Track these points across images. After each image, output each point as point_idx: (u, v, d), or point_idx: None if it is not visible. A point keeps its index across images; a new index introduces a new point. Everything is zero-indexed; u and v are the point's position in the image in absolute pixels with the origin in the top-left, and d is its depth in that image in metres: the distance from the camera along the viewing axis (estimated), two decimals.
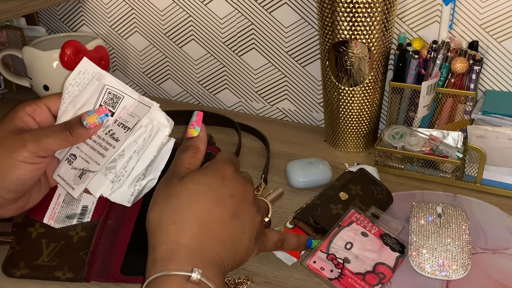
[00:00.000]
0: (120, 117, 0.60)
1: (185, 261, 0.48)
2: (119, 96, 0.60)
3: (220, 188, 0.52)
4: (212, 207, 0.51)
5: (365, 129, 0.90)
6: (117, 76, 1.19)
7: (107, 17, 1.14)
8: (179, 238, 0.49)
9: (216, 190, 0.52)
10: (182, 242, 0.49)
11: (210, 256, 0.50)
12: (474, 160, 0.79)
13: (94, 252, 0.65)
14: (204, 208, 0.51)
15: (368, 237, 0.66)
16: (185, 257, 0.49)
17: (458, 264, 0.62)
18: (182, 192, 0.52)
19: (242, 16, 1.01)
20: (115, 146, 0.59)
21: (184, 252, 0.49)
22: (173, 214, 0.51)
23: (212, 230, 0.51)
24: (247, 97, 1.09)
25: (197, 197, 0.51)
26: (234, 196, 0.53)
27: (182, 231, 0.50)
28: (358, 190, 0.73)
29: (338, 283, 0.61)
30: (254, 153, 0.91)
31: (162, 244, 0.49)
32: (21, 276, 0.63)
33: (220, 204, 0.52)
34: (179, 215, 0.50)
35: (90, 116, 0.58)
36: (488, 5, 0.84)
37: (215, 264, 0.50)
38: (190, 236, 0.50)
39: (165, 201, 0.52)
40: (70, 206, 0.68)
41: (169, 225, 0.50)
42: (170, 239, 0.49)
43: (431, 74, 0.81)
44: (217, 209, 0.51)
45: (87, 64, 0.62)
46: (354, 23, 0.79)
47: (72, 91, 0.62)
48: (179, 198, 0.51)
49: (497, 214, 0.73)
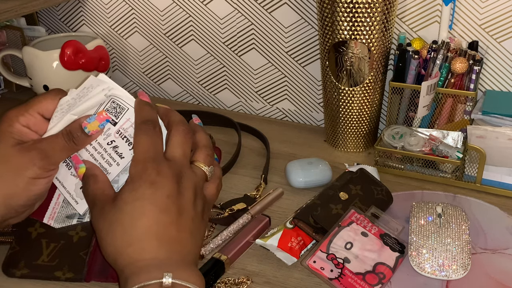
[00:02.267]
0: (123, 128, 0.58)
1: (155, 271, 0.48)
2: (124, 107, 0.58)
3: (154, 194, 0.51)
4: (157, 216, 0.50)
5: (365, 129, 0.90)
6: (117, 76, 1.19)
7: (107, 17, 1.14)
8: (141, 254, 0.49)
9: (151, 199, 0.51)
10: (147, 257, 0.49)
11: (178, 258, 0.50)
12: (474, 160, 0.79)
13: (94, 252, 0.65)
14: (150, 219, 0.50)
15: (368, 237, 0.66)
16: (154, 267, 0.48)
17: (458, 264, 0.63)
18: (120, 216, 0.50)
19: (242, 16, 1.01)
20: (119, 164, 0.58)
21: (153, 264, 0.49)
22: (124, 238, 0.50)
23: (168, 235, 0.50)
24: (247, 97, 1.09)
25: (137, 213, 0.50)
26: (171, 195, 0.51)
27: (142, 248, 0.49)
28: (358, 190, 0.73)
29: (338, 283, 0.61)
30: (254, 153, 0.91)
31: (128, 265, 0.49)
32: (21, 276, 0.63)
33: (162, 209, 0.51)
34: (130, 236, 0.50)
35: (91, 123, 0.57)
36: (488, 5, 0.84)
37: (186, 262, 0.50)
38: (152, 250, 0.49)
39: (108, 230, 0.51)
40: (70, 206, 0.68)
41: (126, 249, 0.49)
42: (133, 259, 0.49)
43: (431, 74, 0.81)
44: (162, 215, 0.50)
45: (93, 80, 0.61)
46: (354, 23, 0.79)
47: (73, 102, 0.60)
48: (121, 223, 0.50)
49: (497, 214, 0.73)
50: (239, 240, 0.68)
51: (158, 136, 0.54)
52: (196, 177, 0.55)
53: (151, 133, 0.54)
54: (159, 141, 0.54)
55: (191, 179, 0.54)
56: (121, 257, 0.50)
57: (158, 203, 0.50)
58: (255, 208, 0.74)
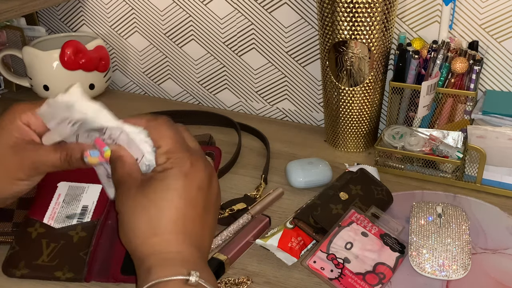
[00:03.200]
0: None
1: (179, 266, 0.47)
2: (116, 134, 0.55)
3: (185, 187, 0.50)
4: (185, 209, 0.50)
5: (365, 129, 0.90)
6: (117, 76, 1.19)
7: (107, 17, 1.14)
8: (167, 247, 0.49)
9: (183, 191, 0.50)
10: (172, 250, 0.49)
11: (199, 255, 0.50)
12: (474, 160, 0.79)
13: (94, 252, 0.65)
14: (178, 212, 0.49)
15: (368, 237, 0.66)
16: (179, 262, 0.48)
17: (458, 264, 0.62)
18: (148, 204, 0.49)
19: (242, 16, 1.01)
20: None
21: (177, 258, 0.48)
22: (149, 227, 0.49)
23: (193, 230, 0.50)
24: (247, 97, 1.09)
25: (166, 205, 0.49)
26: (201, 187, 0.51)
27: (168, 240, 0.49)
28: (358, 190, 0.73)
29: (338, 283, 0.61)
30: (254, 153, 0.91)
31: (151, 256, 0.48)
32: (21, 276, 0.63)
33: (191, 202, 0.50)
34: (156, 226, 0.49)
35: (93, 158, 0.54)
36: (488, 5, 0.84)
37: (204, 260, 0.50)
38: (177, 243, 0.49)
39: (133, 216, 0.50)
40: (70, 206, 0.68)
41: (151, 238, 0.49)
42: (157, 250, 0.48)
43: (431, 74, 0.81)
44: (189, 209, 0.50)
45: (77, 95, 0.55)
46: (354, 23, 0.79)
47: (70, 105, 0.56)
48: (148, 210, 0.49)
49: (497, 214, 0.73)
50: (239, 240, 0.68)
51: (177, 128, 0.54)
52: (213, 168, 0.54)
53: (174, 126, 0.53)
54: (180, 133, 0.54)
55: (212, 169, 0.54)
56: (143, 246, 0.49)
57: (187, 196, 0.50)
58: (255, 208, 0.74)
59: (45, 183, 0.71)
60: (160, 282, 0.46)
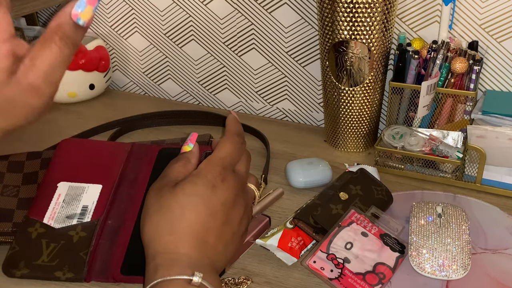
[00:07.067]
0: None
1: (186, 267, 0.49)
2: None
3: (211, 197, 0.53)
4: (205, 217, 0.53)
5: (365, 129, 0.90)
6: (117, 76, 1.19)
7: (107, 17, 1.14)
8: (178, 248, 0.51)
9: (207, 200, 0.53)
10: (181, 251, 0.51)
11: (207, 263, 0.52)
12: (474, 160, 0.79)
13: (94, 252, 0.65)
14: (198, 218, 0.52)
15: (368, 237, 0.66)
16: (186, 264, 0.50)
17: (458, 264, 0.63)
18: (174, 203, 0.53)
19: (242, 16, 1.01)
20: None
21: (184, 260, 0.50)
22: (168, 226, 0.52)
23: (207, 239, 0.52)
24: (247, 97, 1.09)
25: (189, 207, 0.52)
26: (225, 204, 0.54)
27: (180, 241, 0.51)
28: (358, 190, 0.73)
29: (338, 283, 0.61)
30: (254, 153, 0.91)
31: (162, 254, 0.51)
32: (21, 276, 0.63)
33: (212, 213, 0.53)
34: (174, 226, 0.52)
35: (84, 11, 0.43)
36: (488, 5, 0.84)
37: (212, 268, 0.52)
38: (188, 246, 0.51)
39: (158, 212, 0.53)
40: (70, 206, 0.68)
41: (166, 236, 0.52)
42: (169, 249, 0.51)
43: (431, 74, 0.81)
44: (210, 219, 0.53)
45: None
46: (354, 23, 0.79)
47: None
48: (172, 210, 0.52)
49: (497, 214, 0.73)
50: None
51: (241, 151, 0.58)
52: (249, 197, 0.59)
53: (238, 146, 0.58)
54: (239, 155, 0.58)
55: (246, 197, 0.58)
56: (157, 242, 0.52)
57: (210, 206, 0.53)
58: (255, 208, 0.74)
59: (45, 183, 0.71)
60: (164, 281, 0.48)
